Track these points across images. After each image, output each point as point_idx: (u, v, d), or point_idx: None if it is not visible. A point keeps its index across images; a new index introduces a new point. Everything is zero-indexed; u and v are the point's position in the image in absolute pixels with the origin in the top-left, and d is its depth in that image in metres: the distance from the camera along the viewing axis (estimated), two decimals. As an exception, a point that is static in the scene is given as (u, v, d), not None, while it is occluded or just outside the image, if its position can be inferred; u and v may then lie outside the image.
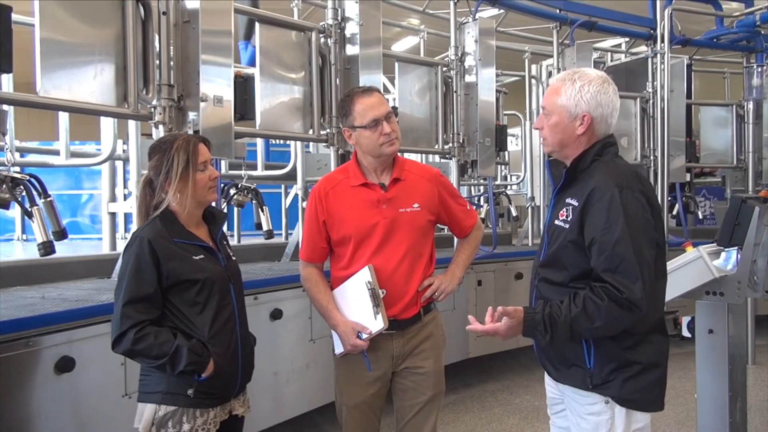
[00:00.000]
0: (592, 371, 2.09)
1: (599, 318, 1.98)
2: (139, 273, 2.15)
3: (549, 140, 2.20)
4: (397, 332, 2.55)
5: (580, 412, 2.14)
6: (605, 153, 2.15)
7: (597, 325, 1.99)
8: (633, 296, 1.96)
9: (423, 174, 2.66)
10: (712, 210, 8.39)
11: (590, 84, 2.11)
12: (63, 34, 3.03)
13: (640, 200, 2.04)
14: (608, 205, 2.01)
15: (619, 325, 2.02)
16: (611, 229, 1.99)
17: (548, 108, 2.18)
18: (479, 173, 5.35)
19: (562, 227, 2.12)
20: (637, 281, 1.96)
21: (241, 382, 2.34)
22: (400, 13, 8.29)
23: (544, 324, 2.03)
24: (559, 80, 2.18)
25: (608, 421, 2.08)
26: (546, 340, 2.06)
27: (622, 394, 2.07)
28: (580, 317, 2.00)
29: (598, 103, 2.12)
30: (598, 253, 2.01)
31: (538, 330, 2.05)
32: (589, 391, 2.10)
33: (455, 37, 5.33)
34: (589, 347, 2.09)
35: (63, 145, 4.79)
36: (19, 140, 5.70)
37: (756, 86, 7.04)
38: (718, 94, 8.60)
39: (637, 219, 2.01)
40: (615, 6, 6.68)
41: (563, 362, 2.17)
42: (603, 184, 2.04)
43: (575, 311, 2.00)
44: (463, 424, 4.63)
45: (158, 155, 2.25)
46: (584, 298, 2.01)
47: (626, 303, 1.97)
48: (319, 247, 2.64)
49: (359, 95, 2.56)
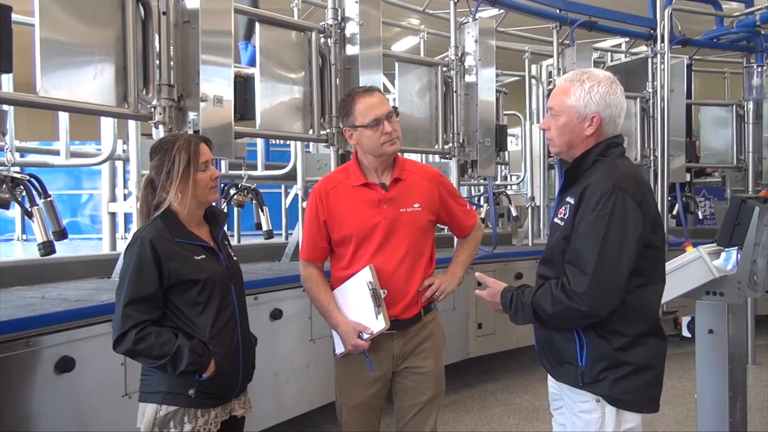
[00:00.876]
0: (583, 369, 2.10)
1: (550, 306, 2.05)
2: (141, 273, 2.15)
3: (556, 141, 2.20)
4: (398, 332, 2.55)
5: (574, 409, 2.16)
6: (609, 153, 2.14)
7: (549, 313, 2.07)
8: (577, 289, 1.99)
9: (423, 174, 2.67)
10: (712, 210, 8.39)
11: (599, 85, 2.11)
12: (63, 34, 3.02)
13: (627, 202, 2.02)
14: (595, 203, 2.02)
15: (567, 316, 2.04)
16: (591, 226, 2.01)
17: (556, 108, 2.17)
18: (479, 173, 5.35)
19: (558, 225, 2.15)
20: (585, 276, 1.98)
21: (242, 382, 2.34)
22: (400, 13, 8.30)
23: (511, 300, 2.17)
24: (567, 81, 2.17)
25: (598, 419, 2.09)
26: (511, 317, 2.19)
27: (612, 394, 2.07)
28: (538, 301, 2.09)
29: (607, 103, 2.12)
30: (571, 246, 2.06)
31: (504, 305, 2.20)
32: (580, 389, 2.11)
33: (455, 37, 5.32)
34: (582, 345, 2.10)
35: (63, 145, 4.79)
36: (19, 140, 5.70)
37: (756, 86, 7.04)
38: (718, 94, 8.60)
39: (618, 220, 2.00)
40: (615, 6, 6.68)
41: (557, 359, 2.19)
42: (596, 183, 2.05)
43: (537, 296, 2.09)
44: (463, 424, 4.63)
45: (159, 155, 2.25)
46: (545, 285, 2.08)
47: (571, 294, 2.00)
48: (319, 247, 2.64)
49: (360, 95, 2.57)
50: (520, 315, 2.16)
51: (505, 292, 2.20)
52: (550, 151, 2.33)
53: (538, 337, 2.28)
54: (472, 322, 5.39)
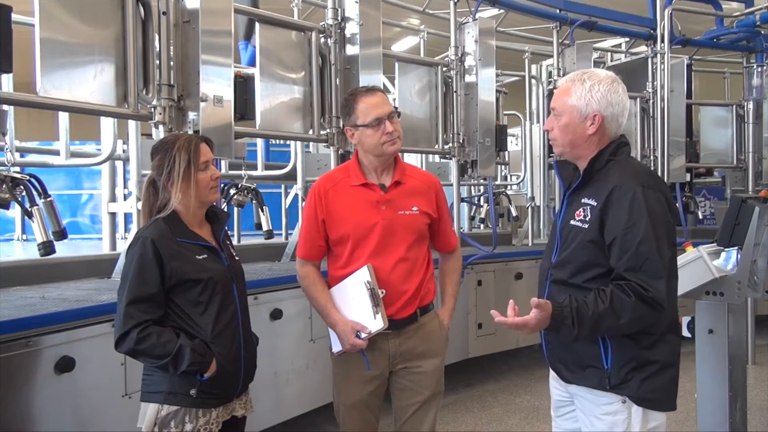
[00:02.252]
0: (609, 372, 2.08)
1: (625, 314, 1.97)
2: (142, 273, 2.15)
3: (559, 141, 2.19)
4: (393, 332, 2.55)
5: (595, 412, 2.13)
6: (620, 153, 2.15)
7: (622, 322, 1.98)
8: (658, 295, 1.97)
9: (424, 180, 2.69)
10: (712, 210, 8.38)
11: (600, 83, 2.11)
12: (63, 34, 3.02)
13: (660, 200, 2.04)
14: (630, 203, 2.01)
15: (641, 322, 2.02)
16: (634, 228, 1.99)
17: (558, 109, 2.17)
18: (479, 173, 5.35)
19: (579, 227, 2.11)
20: (661, 280, 1.97)
21: (244, 382, 2.34)
22: (400, 13, 8.30)
23: (572, 318, 1.98)
24: (568, 81, 2.17)
25: (625, 420, 2.08)
26: (573, 334, 2.01)
27: (639, 394, 2.07)
28: (607, 313, 1.98)
29: (609, 102, 2.12)
30: (620, 252, 2.01)
31: (565, 324, 1.99)
32: (605, 392, 2.10)
33: (455, 37, 5.32)
34: (607, 348, 2.08)
35: (63, 145, 4.79)
36: (19, 140, 5.70)
37: (756, 86, 7.04)
38: (718, 94, 8.61)
39: (660, 218, 2.02)
40: (615, 6, 6.68)
41: (577, 364, 2.16)
42: (624, 183, 2.04)
43: (602, 307, 1.98)
44: (463, 424, 4.63)
45: (160, 155, 2.26)
46: (611, 294, 1.99)
47: (651, 301, 1.97)
48: (317, 245, 2.64)
49: (363, 94, 2.57)
50: (582, 331, 2.00)
51: (559, 316, 1.99)
52: (554, 151, 2.32)
53: (551, 343, 2.24)
54: (472, 322, 5.40)
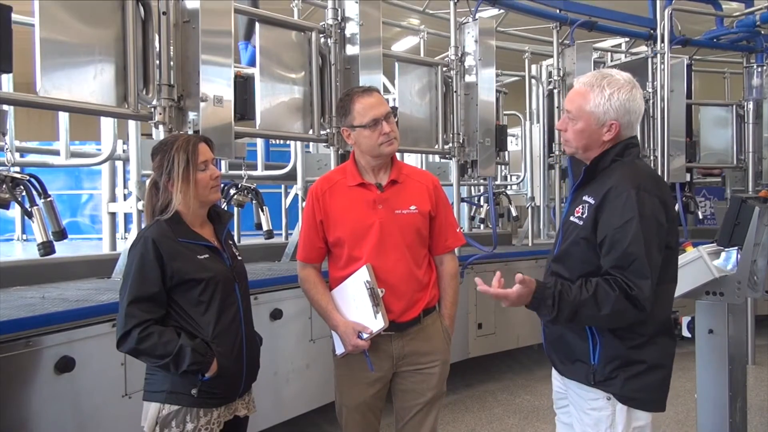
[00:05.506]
0: (595, 367, 2.10)
1: (606, 307, 1.98)
2: (144, 272, 2.15)
3: (573, 144, 2.19)
4: (396, 333, 2.54)
5: (583, 407, 2.16)
6: (626, 154, 2.14)
7: (603, 313, 1.99)
8: (641, 294, 1.97)
9: (421, 178, 2.66)
10: (712, 210, 8.38)
11: (619, 91, 2.09)
12: (63, 34, 3.02)
13: (655, 203, 2.04)
14: (623, 204, 2.02)
15: (622, 318, 2.02)
16: (624, 228, 2.00)
17: (574, 113, 2.15)
18: (479, 173, 5.35)
19: (576, 224, 2.13)
20: (646, 280, 1.98)
21: (246, 382, 2.34)
22: (400, 13, 8.30)
23: (553, 299, 2.00)
24: (587, 84, 2.13)
25: (609, 417, 2.10)
26: (552, 315, 2.02)
27: (623, 392, 2.08)
28: (589, 302, 1.99)
29: (627, 110, 2.10)
30: (610, 251, 2.02)
31: (545, 304, 2.01)
32: (591, 387, 2.12)
33: (455, 37, 5.32)
34: (595, 344, 2.10)
35: (63, 145, 4.79)
36: (19, 140, 5.70)
37: (756, 86, 7.04)
38: (718, 94, 8.60)
39: (651, 221, 2.02)
40: (615, 6, 6.68)
41: (568, 357, 2.19)
42: (620, 184, 2.05)
43: (585, 295, 2.00)
44: (463, 424, 4.63)
45: (159, 156, 2.27)
46: (596, 284, 2.01)
47: (634, 300, 1.98)
48: (316, 248, 2.63)
49: (359, 95, 2.56)
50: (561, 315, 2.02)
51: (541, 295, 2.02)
52: (565, 151, 2.31)
53: (548, 334, 2.27)
54: (472, 322, 5.40)
